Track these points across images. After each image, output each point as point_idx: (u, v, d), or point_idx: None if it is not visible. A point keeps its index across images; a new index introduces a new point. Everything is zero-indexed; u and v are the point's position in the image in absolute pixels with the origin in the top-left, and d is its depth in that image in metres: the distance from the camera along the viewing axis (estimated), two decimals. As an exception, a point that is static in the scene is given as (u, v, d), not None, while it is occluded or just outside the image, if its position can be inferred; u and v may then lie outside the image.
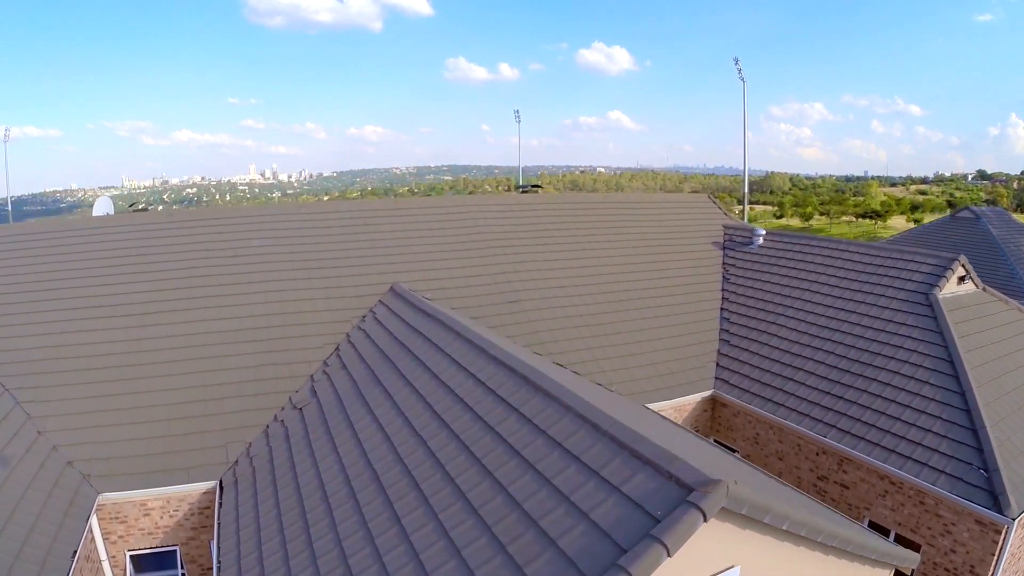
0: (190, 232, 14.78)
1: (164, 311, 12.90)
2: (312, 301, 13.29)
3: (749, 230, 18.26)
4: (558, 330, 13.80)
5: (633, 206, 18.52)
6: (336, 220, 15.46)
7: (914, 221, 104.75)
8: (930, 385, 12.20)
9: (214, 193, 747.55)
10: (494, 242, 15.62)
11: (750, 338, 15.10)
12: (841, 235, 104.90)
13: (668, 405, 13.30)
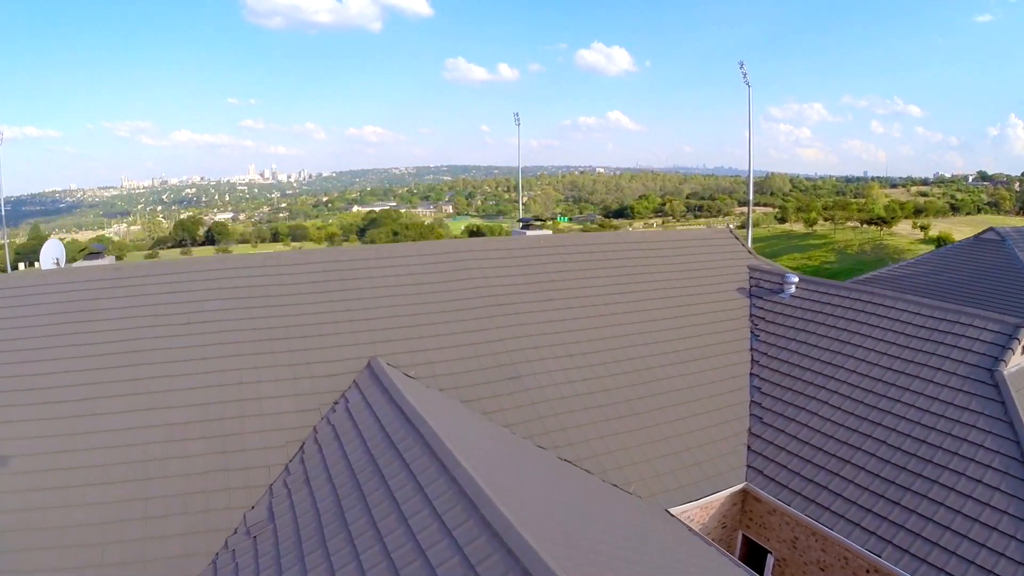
0: (139, 291, 12.74)
1: (102, 396, 10.90)
2: (276, 383, 11.26)
3: (779, 275, 16.24)
4: (565, 413, 11.79)
5: (649, 246, 16.49)
6: (306, 273, 13.34)
7: (920, 228, 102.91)
8: (1000, 492, 10.20)
9: (213, 193, 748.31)
10: (491, 298, 13.59)
11: (786, 415, 13.09)
12: (846, 241, 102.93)
13: (695, 506, 11.32)
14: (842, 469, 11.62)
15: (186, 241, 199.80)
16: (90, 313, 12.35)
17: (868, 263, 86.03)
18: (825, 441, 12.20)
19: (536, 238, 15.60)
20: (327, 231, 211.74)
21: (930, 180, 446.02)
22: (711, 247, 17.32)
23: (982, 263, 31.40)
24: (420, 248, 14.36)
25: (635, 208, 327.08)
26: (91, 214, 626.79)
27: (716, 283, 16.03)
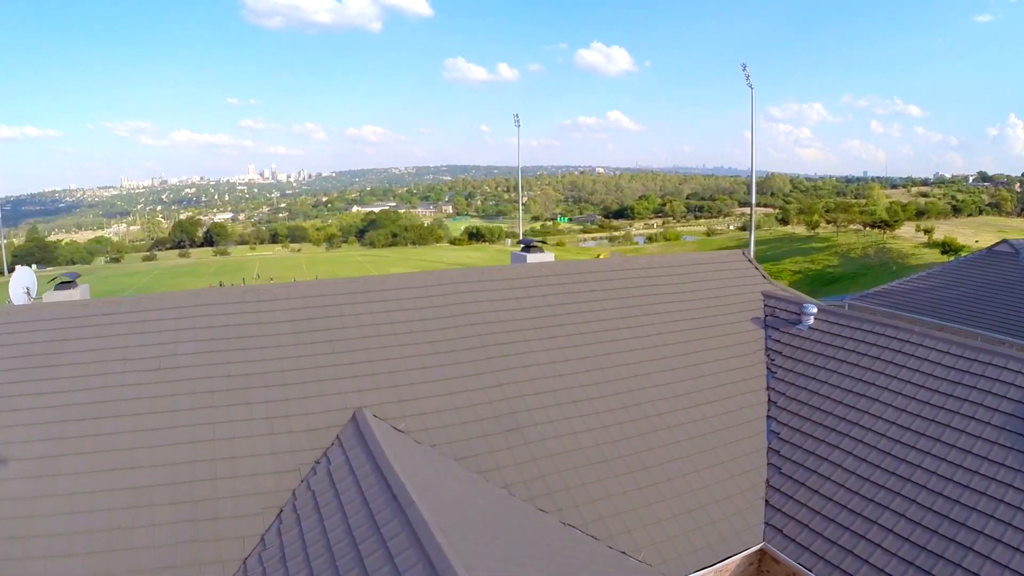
0: (107, 330, 11.76)
1: (64, 454, 9.94)
2: (251, 440, 10.29)
3: (796, 304, 15.26)
4: (569, 470, 10.82)
5: (658, 272, 15.49)
6: (287, 310, 12.30)
7: (924, 231, 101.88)
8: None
9: (213, 193, 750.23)
10: (488, 336, 12.61)
11: (806, 466, 12.11)
12: (849, 244, 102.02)
13: (709, 571, 10.37)
14: (869, 531, 10.66)
15: (184, 243, 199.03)
16: (54, 356, 11.41)
17: (871, 267, 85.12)
18: (850, 497, 11.24)
19: (537, 266, 14.62)
20: (326, 232, 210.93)
21: (930, 181, 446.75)
22: (723, 272, 16.35)
23: (995, 278, 30.45)
24: (411, 280, 13.36)
25: (635, 209, 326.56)
26: (91, 214, 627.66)
27: (729, 313, 15.05)
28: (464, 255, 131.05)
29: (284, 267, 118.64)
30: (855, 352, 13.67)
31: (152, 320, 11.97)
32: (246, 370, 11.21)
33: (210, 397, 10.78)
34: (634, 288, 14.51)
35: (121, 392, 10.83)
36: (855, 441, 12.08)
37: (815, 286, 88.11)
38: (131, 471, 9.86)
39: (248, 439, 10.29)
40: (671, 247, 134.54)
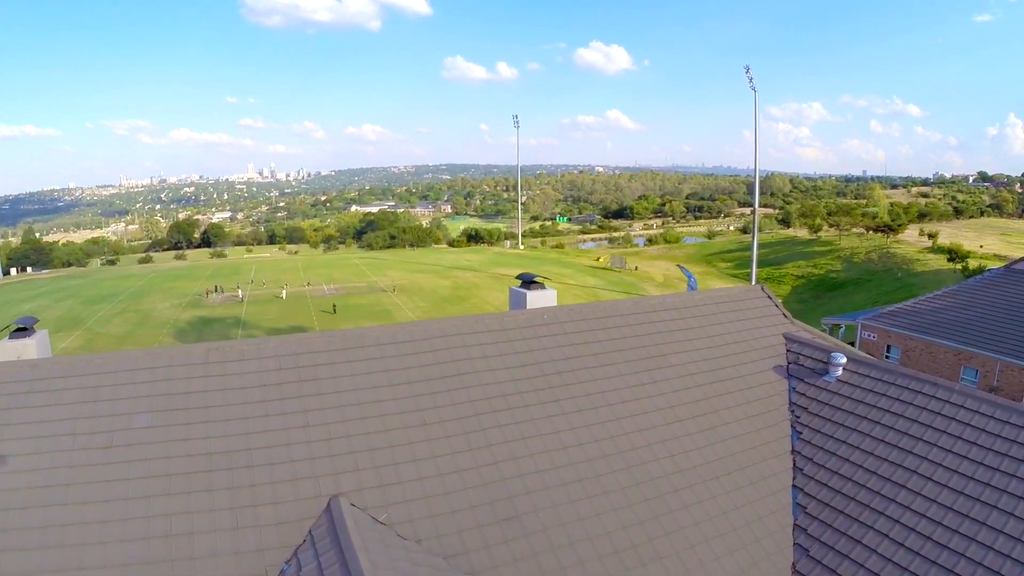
0: (56, 397, 10.41)
1: (5, 551, 8.66)
2: (213, 536, 8.96)
3: (822, 351, 13.92)
4: (575, 566, 9.49)
5: (670, 312, 14.13)
6: (257, 372, 10.96)
7: (928, 236, 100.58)
8: None
9: (212, 192, 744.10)
10: (482, 402, 11.25)
11: (837, 549, 10.79)
12: (852, 249, 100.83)
13: None
14: (915, 634, 9.40)
15: (181, 243, 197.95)
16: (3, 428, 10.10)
17: (876, 273, 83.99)
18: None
19: (538, 313, 13.29)
20: (324, 233, 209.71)
21: (931, 180, 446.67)
22: (741, 311, 15.00)
23: (1015, 298, 29.16)
24: (395, 333, 12.01)
25: (634, 208, 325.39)
26: (89, 213, 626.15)
27: (749, 361, 13.72)
28: (463, 257, 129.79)
29: (280, 270, 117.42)
30: (890, 412, 12.37)
31: (107, 385, 10.63)
32: (208, 448, 9.89)
33: (167, 482, 9.46)
34: (645, 335, 13.18)
35: (68, 474, 9.51)
36: (891, 521, 10.78)
37: (818, 291, 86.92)
38: (77, 573, 8.57)
39: (209, 535, 8.97)
40: (671, 249, 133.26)
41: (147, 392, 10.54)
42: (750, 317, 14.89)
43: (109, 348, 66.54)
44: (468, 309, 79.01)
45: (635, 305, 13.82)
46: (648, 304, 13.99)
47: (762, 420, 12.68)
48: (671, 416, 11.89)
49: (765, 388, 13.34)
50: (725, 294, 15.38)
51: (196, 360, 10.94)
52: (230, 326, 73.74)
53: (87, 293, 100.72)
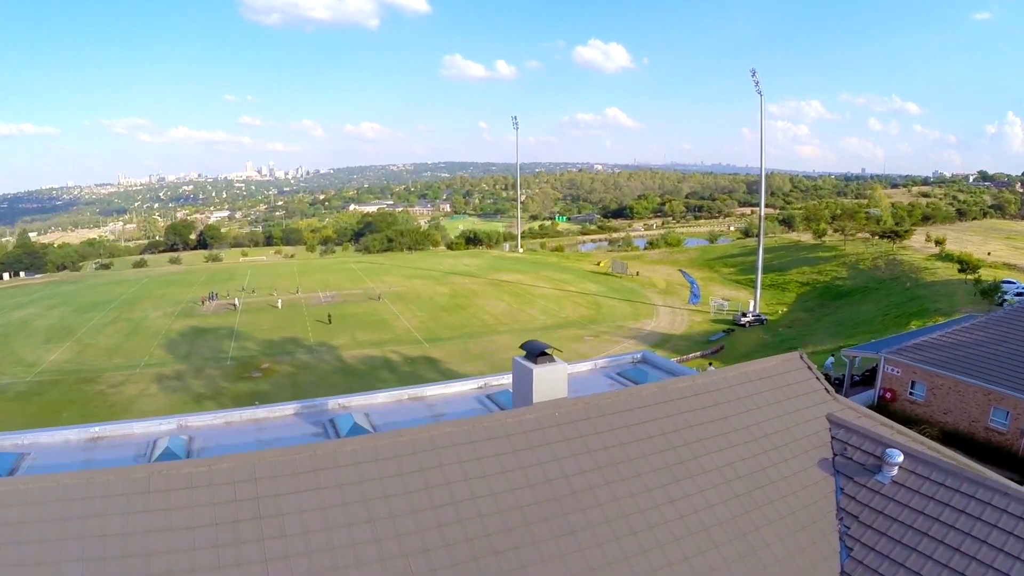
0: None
1: None
2: None
3: (874, 443, 12.05)
4: None
5: (699, 399, 12.13)
6: (207, 505, 8.91)
7: (935, 242, 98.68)
8: None
9: (210, 191, 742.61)
10: (480, 539, 8.95)
11: None
12: (858, 255, 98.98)
13: None
14: None
15: (178, 245, 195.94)
16: None
17: (883, 281, 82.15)
18: None
19: (549, 410, 11.31)
20: (322, 234, 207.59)
21: (931, 179, 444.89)
22: (779, 387, 13.06)
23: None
24: (377, 446, 9.95)
25: (634, 208, 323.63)
26: (88, 212, 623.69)
27: (790, 454, 11.83)
28: (461, 261, 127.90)
29: (276, 275, 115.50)
30: (955, 528, 10.53)
31: (33, 522, 8.72)
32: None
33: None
34: (673, 432, 11.27)
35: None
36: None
37: (824, 299, 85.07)
38: None
39: None
40: (672, 253, 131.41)
41: (76, 532, 8.64)
42: (789, 396, 13.03)
43: (99, 360, 64.75)
44: (466, 319, 77.20)
45: (661, 392, 11.93)
46: (675, 389, 12.11)
47: (807, 536, 10.81)
48: (706, 542, 9.98)
49: (810, 491, 11.48)
50: (761, 368, 13.51)
51: (137, 488, 9.02)
52: (223, 337, 71.87)
53: (79, 300, 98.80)
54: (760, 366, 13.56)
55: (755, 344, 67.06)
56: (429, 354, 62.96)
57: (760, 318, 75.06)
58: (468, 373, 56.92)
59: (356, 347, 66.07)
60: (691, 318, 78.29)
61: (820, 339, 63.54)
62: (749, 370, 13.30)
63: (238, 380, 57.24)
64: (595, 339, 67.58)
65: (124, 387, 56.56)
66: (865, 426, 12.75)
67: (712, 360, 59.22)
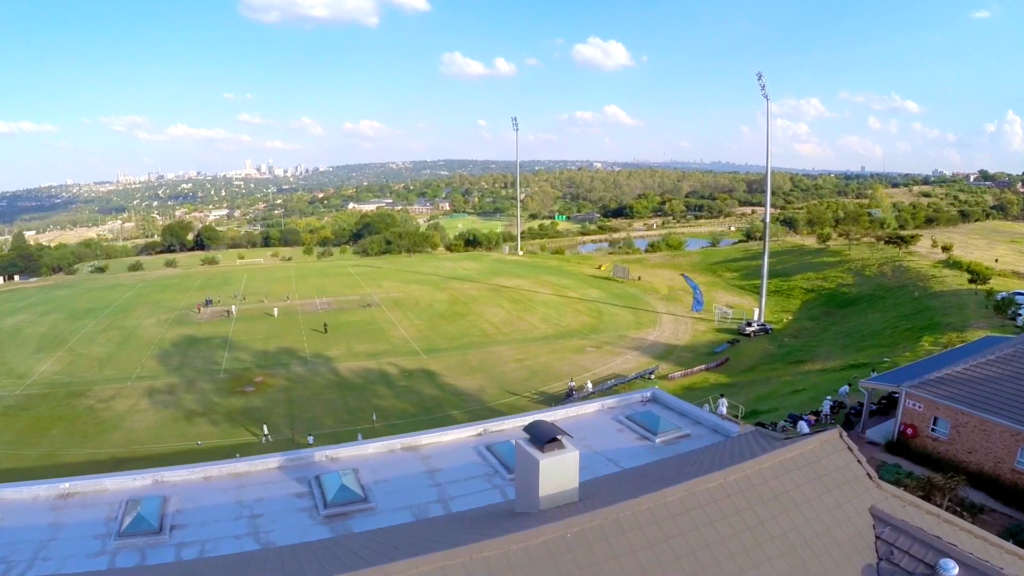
0: None
1: None
2: None
3: (924, 547, 10.52)
4: None
5: (730, 501, 10.41)
6: None
7: (942, 248, 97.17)
8: None
9: (209, 189, 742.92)
10: None
11: None
12: (863, 260, 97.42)
13: None
14: None
15: (175, 246, 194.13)
16: None
17: (890, 289, 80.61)
18: None
19: (559, 533, 9.53)
20: (320, 235, 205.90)
21: (931, 179, 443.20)
22: (818, 477, 11.44)
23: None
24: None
25: (634, 207, 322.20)
26: (87, 210, 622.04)
27: (831, 560, 10.28)
28: (460, 265, 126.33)
29: (272, 280, 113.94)
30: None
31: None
32: None
33: None
34: (701, 549, 9.66)
35: None
36: None
37: (829, 307, 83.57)
38: None
39: None
40: (674, 257, 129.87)
41: None
42: (830, 487, 11.51)
43: (90, 372, 63.31)
44: (465, 328, 75.73)
45: (689, 498, 10.32)
46: (704, 492, 10.53)
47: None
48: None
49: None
50: (799, 455, 11.96)
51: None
52: (216, 347, 70.40)
53: (72, 306, 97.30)
54: (797, 452, 12.02)
55: (760, 355, 65.61)
56: (427, 366, 61.49)
57: (765, 327, 73.57)
58: (467, 388, 55.46)
59: (352, 358, 64.59)
60: (694, 327, 76.80)
61: (827, 351, 62.06)
62: (785, 458, 11.74)
63: (231, 395, 55.75)
64: (597, 350, 66.10)
65: (114, 402, 55.10)
66: (914, 522, 11.24)
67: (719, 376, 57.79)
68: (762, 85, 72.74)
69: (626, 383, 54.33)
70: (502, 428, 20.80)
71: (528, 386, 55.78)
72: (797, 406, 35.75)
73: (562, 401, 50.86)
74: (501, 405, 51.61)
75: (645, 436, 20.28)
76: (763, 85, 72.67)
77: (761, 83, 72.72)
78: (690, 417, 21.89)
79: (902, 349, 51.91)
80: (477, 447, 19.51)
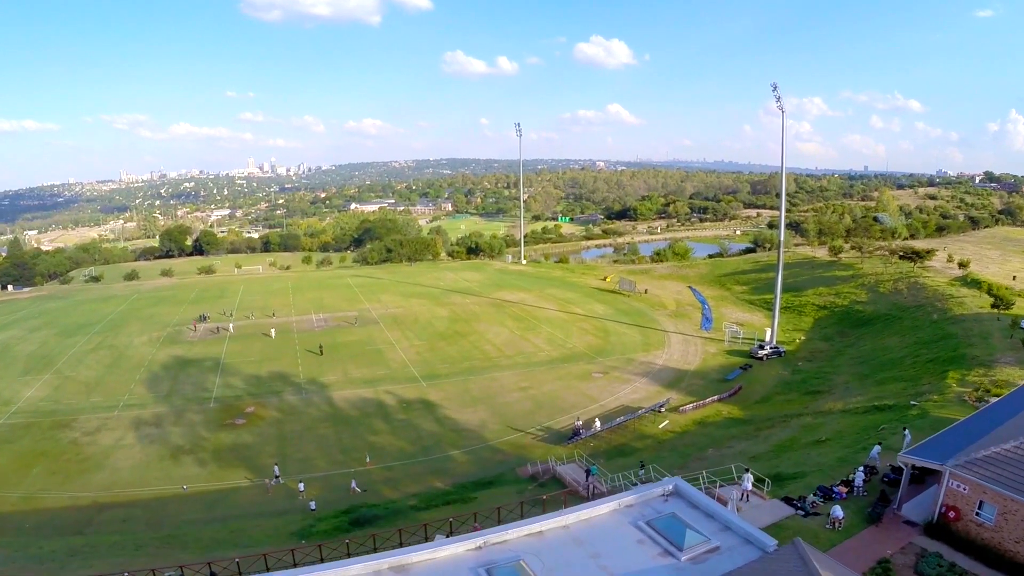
0: None
1: None
2: None
3: None
4: None
5: None
6: None
7: (959, 265, 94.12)
8: None
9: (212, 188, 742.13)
10: None
11: None
12: (876, 275, 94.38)
13: None
14: None
15: (173, 252, 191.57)
16: None
17: (907, 309, 77.67)
18: None
19: None
20: (320, 240, 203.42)
21: (936, 180, 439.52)
22: None
23: None
24: None
25: (638, 209, 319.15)
26: (89, 209, 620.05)
27: None
28: (462, 276, 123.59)
29: (269, 292, 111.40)
30: None
31: None
32: None
33: None
34: None
35: None
36: None
37: (844, 326, 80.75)
38: None
39: None
40: (681, 267, 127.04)
41: None
42: None
43: (77, 398, 60.92)
44: (466, 350, 73.14)
45: None
46: None
47: None
48: None
49: None
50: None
51: None
52: (207, 371, 67.97)
53: (64, 320, 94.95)
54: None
55: (774, 383, 62.90)
56: (426, 395, 58.91)
57: (778, 350, 70.85)
58: (467, 423, 52.78)
59: (348, 385, 62.05)
60: (704, 348, 74.08)
61: (845, 381, 59.32)
62: None
63: (220, 428, 53.23)
64: (604, 377, 63.44)
65: (100, 435, 52.65)
66: None
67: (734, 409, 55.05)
68: (777, 97, 69.59)
69: (635, 418, 51.65)
70: (504, 539, 18.14)
71: (532, 420, 53.17)
72: (824, 468, 33.05)
73: (568, 439, 48.20)
74: (504, 444, 49.04)
75: (669, 551, 17.63)
76: (778, 97, 69.51)
77: (776, 95, 69.60)
78: (718, 520, 19.23)
79: (927, 386, 49.16)
80: (476, 570, 16.83)
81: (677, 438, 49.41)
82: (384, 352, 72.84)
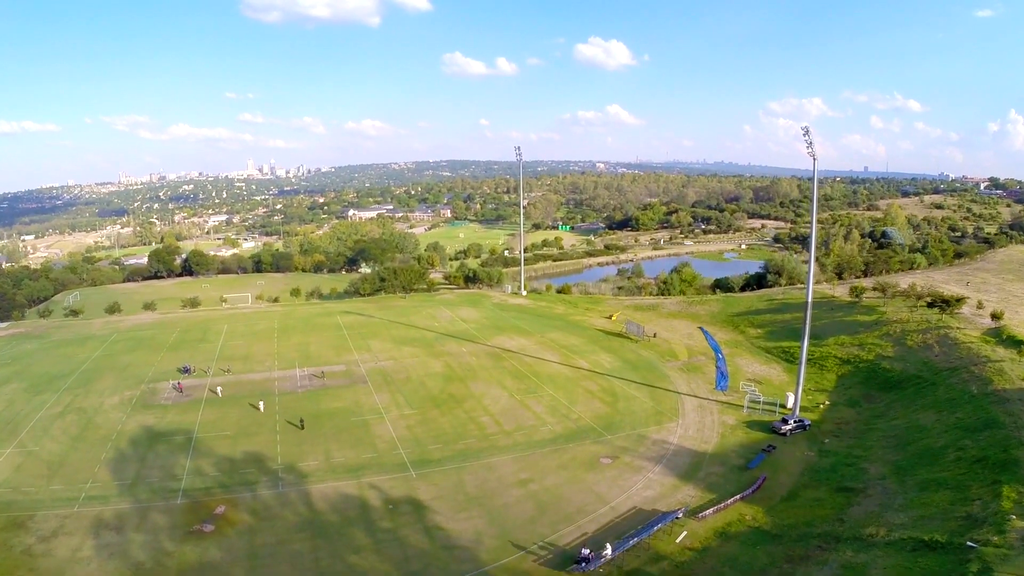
0: None
1: None
2: None
3: None
4: None
5: None
6: None
7: (992, 316, 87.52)
8: None
9: (211, 190, 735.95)
10: None
11: None
12: (902, 324, 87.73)
13: None
14: None
15: (161, 272, 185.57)
16: None
17: (939, 371, 71.40)
18: None
19: None
20: (313, 259, 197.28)
21: (940, 186, 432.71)
22: None
23: None
24: None
25: (640, 219, 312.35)
26: (87, 212, 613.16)
27: None
28: (458, 315, 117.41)
29: (254, 333, 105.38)
30: None
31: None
32: None
33: None
34: None
35: None
36: None
37: (871, 388, 74.63)
38: None
39: None
40: (691, 304, 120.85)
41: None
42: None
43: (38, 483, 55.10)
44: (461, 422, 67.12)
45: None
46: None
47: None
48: None
49: None
50: None
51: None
52: (178, 448, 61.98)
53: (36, 369, 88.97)
54: None
55: (800, 469, 56.90)
56: (415, 493, 52.81)
57: (803, 424, 64.90)
58: (461, 536, 46.52)
59: (330, 475, 55.98)
60: (722, 419, 68.04)
61: (880, 473, 53.31)
62: None
63: (186, 537, 47.04)
64: (614, 464, 57.42)
65: (55, 542, 46.51)
66: None
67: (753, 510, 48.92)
68: (809, 142, 64.13)
69: (650, 535, 45.59)
70: None
71: (535, 531, 47.12)
72: None
73: (574, 564, 42.27)
74: (502, 570, 42.92)
75: None
76: (810, 142, 64.08)
77: (808, 139, 64.14)
78: None
79: (977, 504, 43.14)
80: None
81: (697, 560, 43.42)
82: (371, 425, 66.74)
